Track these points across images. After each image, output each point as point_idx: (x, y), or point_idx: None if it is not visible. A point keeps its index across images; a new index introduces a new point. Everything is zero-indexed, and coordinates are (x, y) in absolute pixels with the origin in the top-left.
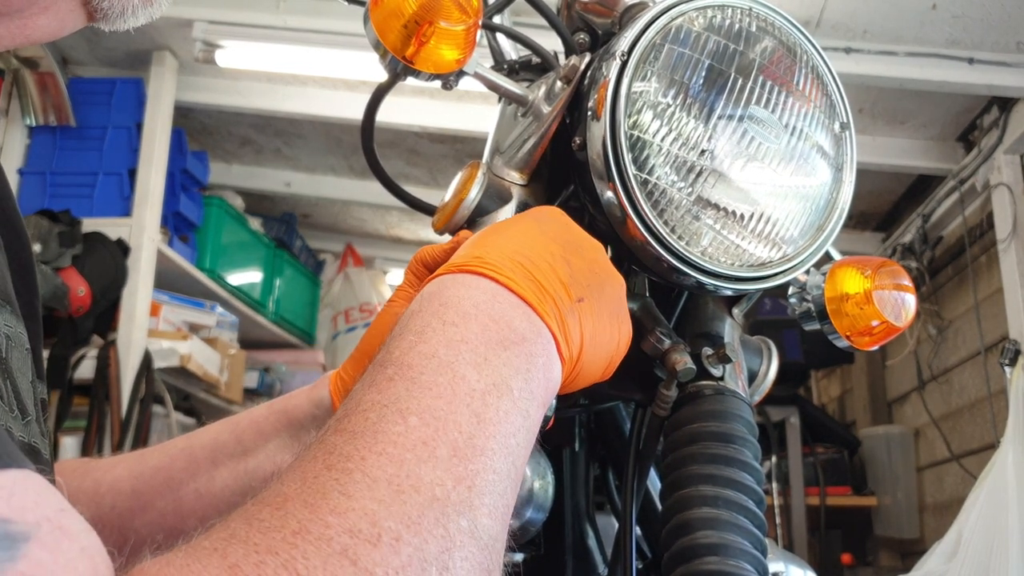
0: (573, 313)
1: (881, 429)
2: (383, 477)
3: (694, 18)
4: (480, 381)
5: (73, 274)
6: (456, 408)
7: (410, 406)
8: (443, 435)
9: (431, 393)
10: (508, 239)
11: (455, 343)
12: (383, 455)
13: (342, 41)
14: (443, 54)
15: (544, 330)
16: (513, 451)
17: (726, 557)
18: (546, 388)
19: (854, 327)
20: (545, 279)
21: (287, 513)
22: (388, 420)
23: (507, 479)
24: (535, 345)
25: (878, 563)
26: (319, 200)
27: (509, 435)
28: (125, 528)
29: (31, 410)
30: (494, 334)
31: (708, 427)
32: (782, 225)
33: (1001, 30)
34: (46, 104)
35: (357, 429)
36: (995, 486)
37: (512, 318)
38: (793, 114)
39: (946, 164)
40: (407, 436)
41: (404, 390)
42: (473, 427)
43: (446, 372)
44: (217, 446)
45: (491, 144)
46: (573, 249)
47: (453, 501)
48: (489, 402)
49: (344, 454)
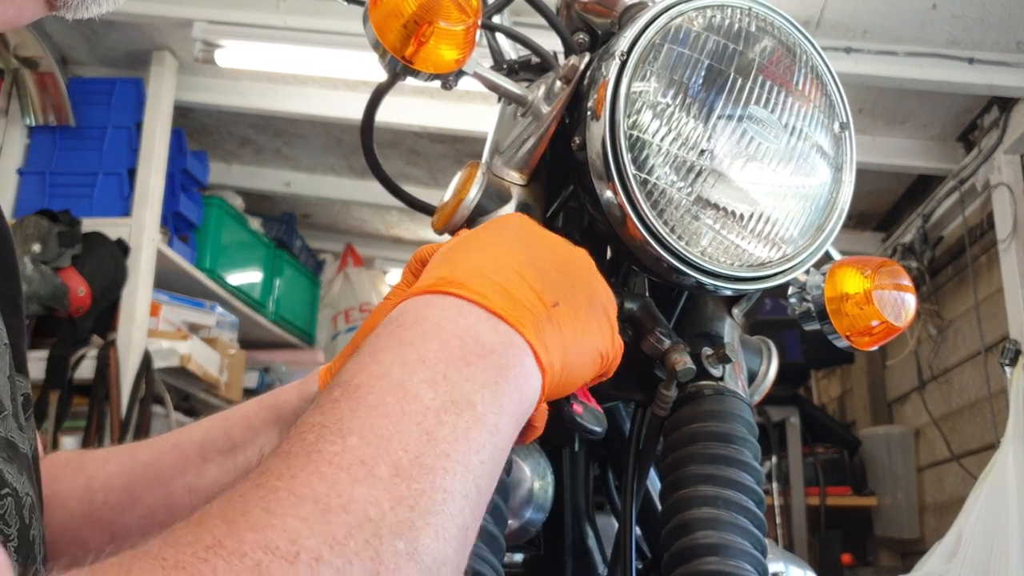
0: (550, 319)
1: (881, 429)
2: (310, 495)
3: (693, 18)
4: (435, 399)
5: (73, 274)
6: (403, 427)
7: (352, 426)
8: (385, 455)
9: (376, 413)
10: (471, 253)
11: (410, 362)
12: (314, 474)
13: (342, 41)
14: (442, 54)
15: (517, 339)
16: (475, 468)
17: (726, 557)
18: (520, 400)
19: (854, 327)
20: (515, 287)
21: (204, 529)
22: (326, 440)
23: (463, 498)
24: (505, 357)
25: (878, 563)
26: (319, 200)
27: (469, 452)
28: (116, 524)
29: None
30: (456, 350)
31: (708, 427)
32: (782, 225)
33: (1001, 30)
34: (46, 104)
35: (293, 450)
36: (995, 486)
37: (478, 332)
38: (793, 114)
39: (946, 164)
40: (343, 456)
41: (348, 410)
42: (422, 446)
43: (396, 391)
44: (207, 442)
45: (490, 144)
46: (540, 253)
47: (389, 522)
48: (444, 420)
49: (275, 473)
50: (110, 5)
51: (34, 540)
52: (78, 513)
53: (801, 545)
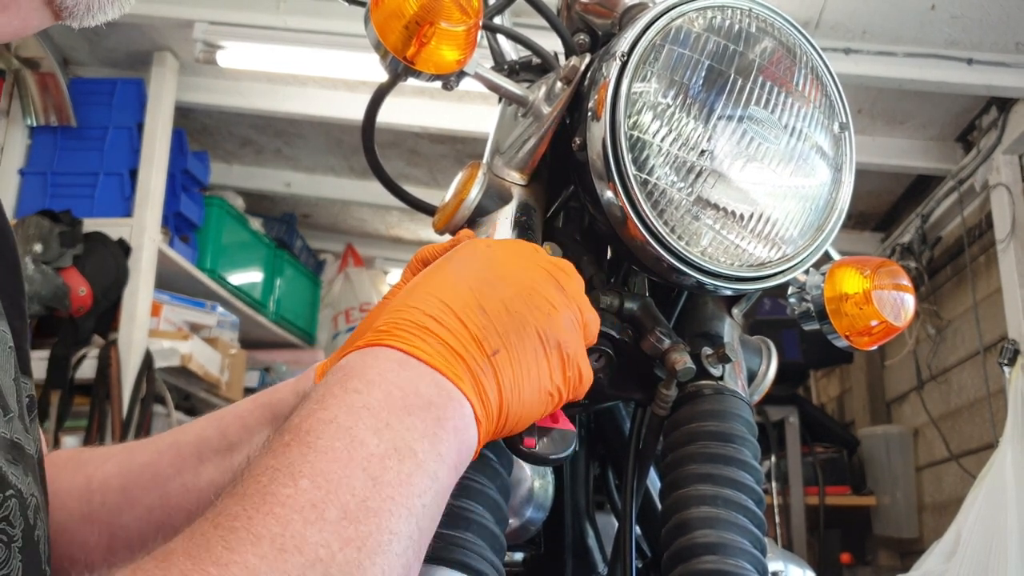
0: (487, 369)
1: (880, 429)
2: (267, 535)
3: (694, 19)
4: (380, 445)
5: (74, 274)
6: (351, 472)
7: (303, 470)
8: (334, 497)
9: (326, 457)
10: (427, 292)
11: (356, 409)
12: (269, 515)
13: (342, 42)
14: (444, 55)
15: (455, 393)
16: (418, 512)
17: (725, 556)
18: (459, 449)
19: (853, 327)
20: (456, 339)
21: (170, 564)
22: (279, 483)
23: (407, 539)
24: (444, 409)
25: (877, 563)
26: (319, 200)
27: (413, 496)
28: (115, 524)
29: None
30: (398, 400)
31: (707, 426)
32: (781, 225)
33: (1000, 30)
34: (47, 104)
35: (248, 492)
36: (994, 486)
37: (418, 385)
38: (792, 114)
39: (945, 164)
40: (296, 498)
41: (299, 455)
42: (368, 490)
43: (344, 437)
44: (202, 441)
45: (491, 144)
46: (495, 291)
47: (338, 562)
48: (388, 465)
49: (231, 514)
50: (114, 12)
51: (39, 540)
52: (77, 513)
53: (800, 544)
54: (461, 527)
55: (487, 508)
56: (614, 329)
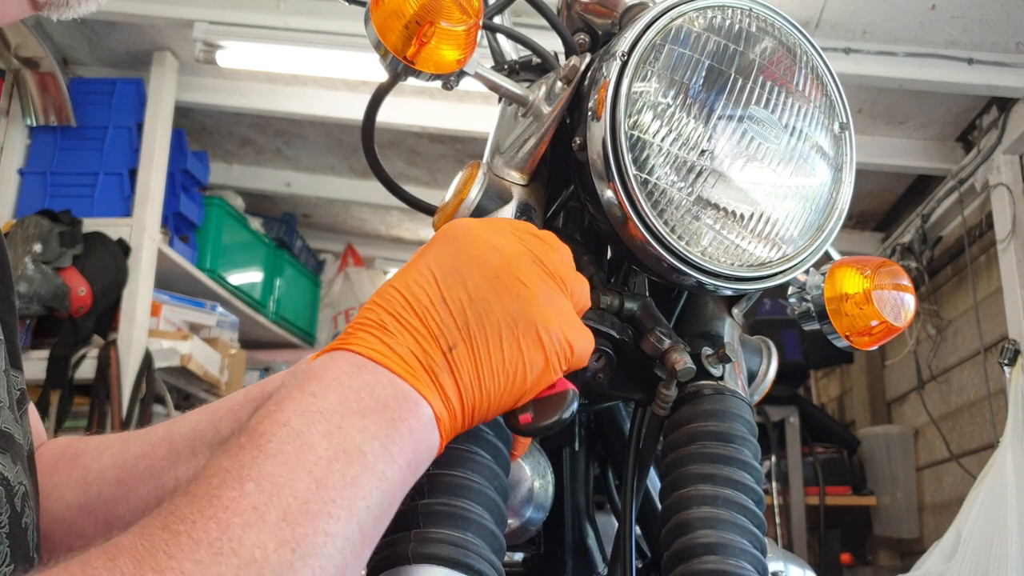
0: (444, 367)
1: (880, 429)
2: (206, 540)
3: (694, 19)
4: (329, 448)
5: (74, 274)
6: (296, 475)
7: (251, 472)
8: (276, 500)
9: (275, 460)
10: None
11: (310, 412)
12: (212, 519)
13: (342, 41)
14: (444, 54)
15: (411, 394)
16: (360, 513)
17: (725, 556)
18: (415, 448)
19: (853, 327)
20: (413, 338)
21: (115, 565)
22: (227, 486)
23: (343, 540)
24: (398, 411)
25: (877, 563)
26: (319, 200)
27: (356, 498)
28: (111, 514)
29: (3, 398)
30: (353, 403)
31: (708, 426)
32: (782, 225)
33: (1000, 30)
34: (47, 104)
35: (199, 493)
36: (994, 486)
37: (373, 388)
38: (793, 114)
39: (945, 164)
40: (240, 502)
41: (250, 457)
42: (310, 492)
43: (294, 440)
44: (196, 435)
45: (491, 144)
46: (458, 278)
47: (272, 563)
48: (335, 468)
49: (180, 516)
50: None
51: (27, 528)
52: (74, 504)
53: (800, 544)
54: (461, 527)
55: (487, 508)
56: (614, 329)
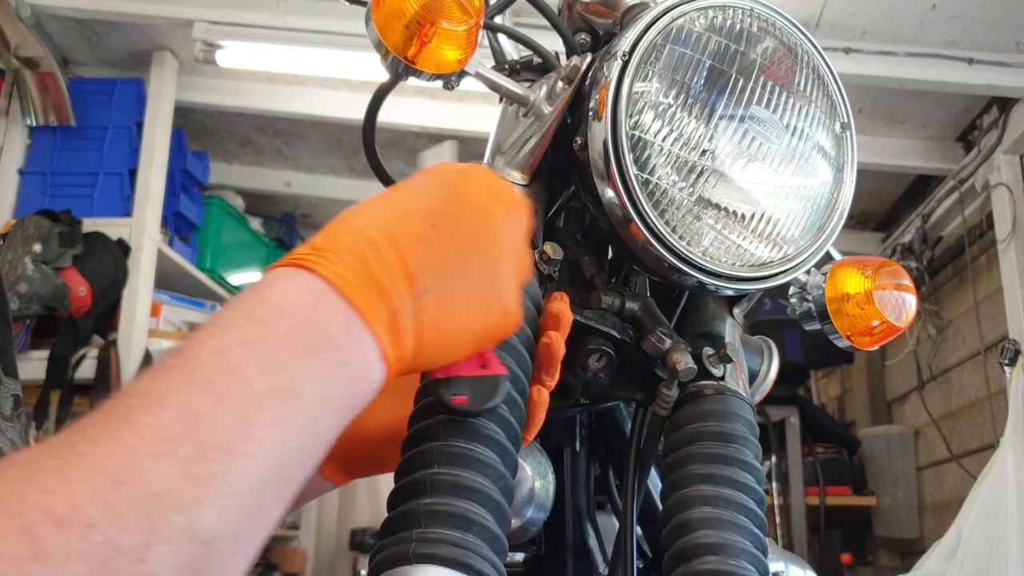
0: (408, 309)
1: (881, 429)
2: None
3: (695, 18)
4: (263, 384)
5: (73, 274)
6: (220, 409)
7: (173, 400)
8: (193, 434)
9: (201, 390)
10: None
11: (253, 342)
12: (120, 443)
13: (342, 41)
14: (445, 54)
15: (366, 336)
16: (281, 455)
17: (726, 556)
18: (353, 393)
19: (854, 327)
20: (387, 274)
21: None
22: (144, 411)
23: (259, 482)
24: (348, 352)
25: (877, 563)
26: (319, 200)
27: (281, 439)
28: None
29: None
30: (303, 337)
31: (708, 427)
32: (783, 225)
33: (1001, 30)
34: (46, 104)
35: (115, 414)
36: (994, 486)
37: (330, 324)
38: (794, 114)
39: (946, 164)
40: (154, 430)
41: (176, 383)
42: (232, 429)
43: (229, 371)
44: None
45: (492, 144)
46: (446, 220)
47: (175, 499)
48: (265, 406)
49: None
50: None
51: None
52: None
53: (801, 545)
54: (462, 528)
55: (489, 509)
56: (615, 329)
